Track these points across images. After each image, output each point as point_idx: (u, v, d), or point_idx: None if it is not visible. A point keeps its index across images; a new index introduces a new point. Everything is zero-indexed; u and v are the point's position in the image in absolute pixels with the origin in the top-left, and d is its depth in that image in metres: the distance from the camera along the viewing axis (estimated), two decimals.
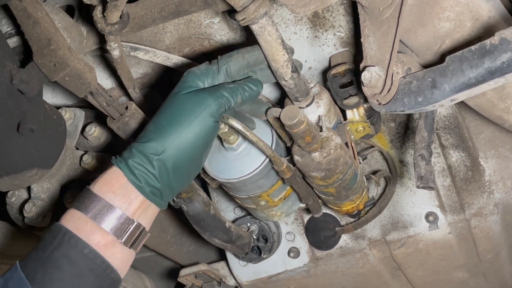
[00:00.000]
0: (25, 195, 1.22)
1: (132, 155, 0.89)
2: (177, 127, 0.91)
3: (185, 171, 0.94)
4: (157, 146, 0.89)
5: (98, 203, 0.87)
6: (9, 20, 1.03)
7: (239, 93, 0.97)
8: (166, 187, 0.92)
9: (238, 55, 1.02)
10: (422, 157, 1.02)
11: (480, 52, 0.80)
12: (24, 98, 0.97)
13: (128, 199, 0.89)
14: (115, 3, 0.91)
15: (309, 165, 1.06)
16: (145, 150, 0.89)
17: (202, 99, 0.93)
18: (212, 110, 0.92)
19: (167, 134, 0.90)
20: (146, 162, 0.89)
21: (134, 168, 0.89)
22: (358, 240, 1.45)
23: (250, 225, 1.40)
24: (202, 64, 1.01)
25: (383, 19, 0.95)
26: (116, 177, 0.89)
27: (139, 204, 0.90)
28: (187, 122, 0.91)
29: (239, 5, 0.93)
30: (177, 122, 0.91)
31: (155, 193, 0.91)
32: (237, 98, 0.97)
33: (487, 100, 0.98)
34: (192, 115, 0.91)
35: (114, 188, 0.88)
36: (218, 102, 0.93)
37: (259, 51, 1.01)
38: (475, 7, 0.93)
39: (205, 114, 0.92)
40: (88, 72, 0.97)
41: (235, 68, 1.01)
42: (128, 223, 0.88)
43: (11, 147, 1.00)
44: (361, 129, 1.21)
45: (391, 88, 0.94)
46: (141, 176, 0.89)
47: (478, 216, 1.38)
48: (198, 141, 0.92)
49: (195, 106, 0.92)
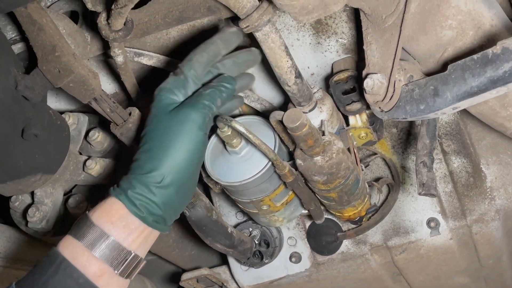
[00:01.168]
0: (28, 200, 1.22)
1: (132, 186, 0.88)
2: (171, 151, 0.89)
3: (187, 189, 0.94)
4: (156, 174, 0.88)
5: (96, 233, 0.86)
6: (14, 26, 1.04)
7: (217, 96, 0.95)
8: (171, 211, 0.92)
9: (197, 55, 0.99)
10: (424, 164, 1.02)
11: (482, 61, 0.81)
12: (29, 104, 0.97)
13: (127, 229, 0.88)
14: (119, 10, 0.91)
15: (311, 169, 1.07)
16: (144, 180, 0.88)
17: (186, 115, 0.91)
18: (198, 123, 0.91)
19: (163, 160, 0.89)
20: (147, 192, 0.88)
21: (135, 199, 0.88)
22: (360, 245, 1.45)
23: (252, 230, 1.40)
24: (169, 78, 0.98)
25: (386, 26, 0.96)
26: (116, 208, 0.88)
27: (139, 234, 0.89)
28: (179, 142, 0.90)
29: (243, 12, 0.94)
30: (168, 145, 0.90)
31: (158, 221, 0.90)
32: (217, 102, 0.95)
33: (489, 108, 0.99)
34: (181, 134, 0.90)
35: (113, 219, 0.87)
36: (201, 113, 0.92)
37: (214, 45, 1.00)
38: (477, 15, 0.93)
39: (193, 130, 0.91)
40: (92, 79, 0.98)
41: (199, 69, 0.98)
42: (125, 254, 0.87)
43: (15, 152, 1.01)
44: (364, 135, 1.21)
45: (393, 95, 0.95)
46: (143, 207, 0.88)
47: (480, 222, 1.38)
48: (193, 157, 0.92)
49: (182, 124, 0.91)
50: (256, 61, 1.09)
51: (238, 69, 1.05)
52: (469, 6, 0.93)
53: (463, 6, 0.93)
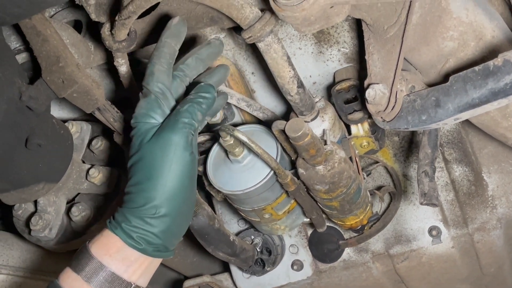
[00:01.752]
0: (31, 208, 1.22)
1: (127, 220, 0.87)
2: (159, 180, 0.86)
3: (184, 213, 0.92)
4: (149, 207, 0.86)
5: (94, 266, 0.86)
6: (18, 37, 1.05)
7: (196, 110, 0.90)
8: (170, 238, 0.90)
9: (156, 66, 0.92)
10: (425, 173, 1.03)
11: (484, 73, 0.81)
12: (33, 114, 0.98)
13: (127, 261, 0.87)
14: (123, 21, 0.92)
15: (313, 178, 1.07)
16: (138, 214, 0.87)
17: (167, 140, 0.87)
18: (182, 145, 0.87)
19: (153, 192, 0.86)
20: (143, 224, 0.86)
21: (132, 232, 0.86)
22: (362, 253, 1.45)
23: (254, 238, 1.40)
24: (140, 101, 0.93)
25: (388, 37, 0.96)
26: (113, 241, 0.87)
27: (140, 265, 0.88)
28: (165, 170, 0.86)
29: (245, 23, 0.94)
30: (156, 175, 0.87)
31: (159, 249, 0.89)
32: (197, 116, 0.90)
33: (490, 118, 0.99)
34: (166, 160, 0.86)
35: (111, 251, 0.87)
36: (183, 133, 0.87)
37: (165, 47, 0.93)
38: (479, 26, 0.94)
39: (177, 153, 0.87)
40: (96, 89, 0.98)
41: (165, 79, 0.92)
42: (125, 286, 0.87)
43: (19, 161, 1.01)
44: (366, 144, 1.22)
45: (395, 105, 0.95)
46: (141, 239, 0.87)
47: (481, 230, 1.38)
48: (184, 180, 0.88)
49: (165, 150, 0.87)
50: (220, 51, 1.02)
51: (203, 64, 0.99)
52: (470, 18, 0.93)
53: (464, 17, 0.93)
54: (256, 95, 1.31)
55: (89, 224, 1.23)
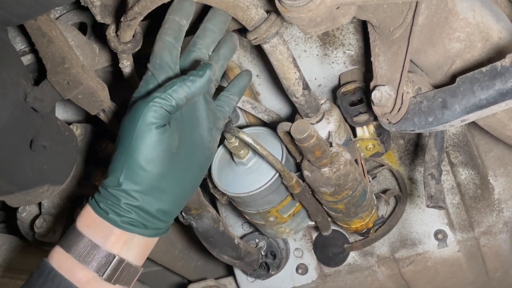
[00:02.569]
0: (35, 210, 1.22)
1: (98, 191, 0.87)
2: (123, 151, 0.85)
3: (159, 188, 0.87)
4: (113, 178, 0.85)
5: (77, 239, 0.85)
6: (23, 38, 1.05)
7: (178, 87, 0.85)
8: (142, 213, 0.86)
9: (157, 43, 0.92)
10: (432, 176, 1.02)
11: (491, 74, 0.81)
12: (37, 115, 0.98)
13: (103, 233, 0.85)
14: (128, 23, 0.92)
15: (319, 180, 1.07)
16: (104, 185, 0.86)
17: (134, 112, 0.84)
18: (148, 118, 0.83)
19: (116, 162, 0.85)
20: (108, 194, 0.85)
21: (100, 202, 0.85)
22: (367, 257, 1.44)
23: (259, 241, 1.40)
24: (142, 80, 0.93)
25: (394, 39, 0.96)
26: (87, 211, 0.86)
27: (117, 238, 0.86)
28: (128, 141, 0.84)
29: (251, 24, 0.94)
30: (121, 146, 0.85)
31: (132, 223, 0.86)
32: (178, 94, 0.85)
33: (497, 120, 0.98)
34: (130, 131, 0.84)
35: (87, 222, 0.86)
36: (150, 107, 0.83)
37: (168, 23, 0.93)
38: (485, 28, 0.93)
39: (143, 126, 0.83)
40: (101, 90, 0.98)
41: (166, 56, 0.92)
42: (108, 258, 0.85)
43: (24, 163, 1.01)
44: (371, 147, 1.21)
45: (401, 107, 0.95)
46: (107, 208, 0.85)
47: (487, 234, 1.38)
48: (151, 153, 0.84)
49: (131, 122, 0.84)
50: (228, 18, 1.00)
51: (216, 30, 0.99)
52: (477, 19, 0.93)
53: (471, 18, 0.93)
54: (261, 97, 1.31)
55: None
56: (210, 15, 0.99)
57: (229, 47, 1.03)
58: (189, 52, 0.97)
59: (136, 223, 0.86)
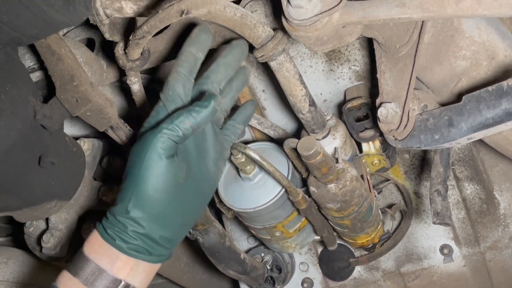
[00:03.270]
0: (43, 225, 1.23)
1: (106, 216, 0.88)
2: (131, 181, 0.87)
3: (165, 218, 0.89)
4: (121, 206, 0.87)
5: (84, 264, 0.86)
6: (32, 55, 1.06)
7: (184, 118, 0.87)
8: (148, 241, 0.88)
9: (171, 75, 0.93)
10: (438, 192, 1.02)
11: (497, 93, 0.81)
12: (46, 132, 0.98)
13: (109, 258, 0.87)
14: (137, 41, 0.93)
15: (325, 197, 1.07)
16: (113, 212, 0.87)
17: (143, 143, 0.87)
18: (156, 149, 0.85)
19: (125, 191, 0.87)
20: (116, 221, 0.87)
21: (108, 228, 0.87)
22: (372, 271, 1.44)
23: (264, 256, 1.40)
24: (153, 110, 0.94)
25: (400, 56, 0.97)
26: (95, 236, 0.88)
27: (123, 264, 0.87)
28: (137, 172, 0.86)
29: (258, 42, 0.95)
30: (129, 176, 0.87)
31: (138, 250, 0.88)
32: (184, 124, 0.87)
33: (503, 138, 0.99)
34: (139, 163, 0.86)
35: (95, 247, 0.87)
36: (158, 138, 0.86)
37: (184, 54, 0.93)
38: (491, 46, 0.94)
39: (151, 157, 0.86)
40: (109, 107, 0.99)
41: (178, 88, 0.92)
42: (115, 283, 0.86)
43: (32, 179, 1.02)
44: (377, 162, 1.21)
45: (407, 124, 0.95)
46: (114, 235, 0.87)
47: (493, 249, 1.37)
48: (159, 184, 0.87)
49: (140, 153, 0.87)
50: (244, 51, 1.00)
51: (231, 67, 1.00)
52: (483, 37, 0.93)
53: (477, 37, 0.94)
54: (267, 112, 1.32)
55: None
56: (227, 50, 0.99)
57: (242, 80, 1.04)
58: (201, 84, 0.97)
59: (142, 249, 0.88)
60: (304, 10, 0.79)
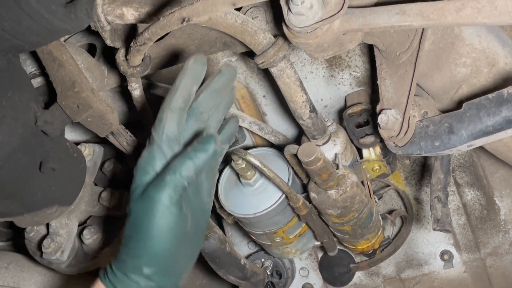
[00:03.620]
0: (43, 230, 1.23)
1: (113, 272, 0.87)
2: (141, 240, 0.85)
3: (174, 269, 0.89)
4: (133, 265, 0.85)
5: None
6: (34, 61, 1.06)
7: (185, 165, 0.84)
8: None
9: (165, 111, 0.87)
10: (438, 199, 1.02)
11: (498, 101, 0.81)
12: (47, 138, 0.99)
13: None
14: (138, 48, 0.93)
15: (325, 203, 1.07)
16: (124, 270, 0.86)
17: (150, 200, 0.84)
18: (165, 204, 0.83)
19: (135, 249, 0.85)
20: (127, 279, 0.85)
21: (117, 284, 0.86)
22: (373, 277, 1.44)
23: (264, 261, 1.40)
24: (144, 150, 0.89)
25: (400, 63, 0.97)
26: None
27: None
28: (146, 230, 0.84)
29: (259, 49, 0.95)
30: (138, 234, 0.85)
31: None
32: (187, 172, 0.84)
33: (503, 145, 0.99)
34: (147, 221, 0.84)
35: None
36: (165, 193, 0.83)
37: (180, 89, 0.88)
38: (492, 53, 0.94)
39: (160, 214, 0.83)
40: (110, 113, 0.99)
41: (173, 127, 0.88)
42: None
43: (33, 185, 1.02)
44: (377, 168, 1.22)
45: (407, 131, 0.95)
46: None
47: (494, 255, 1.37)
48: (168, 239, 0.85)
49: (147, 210, 0.84)
50: (233, 77, 0.95)
51: (220, 95, 0.94)
52: (483, 44, 0.94)
53: (477, 44, 0.94)
54: (268, 118, 1.32)
55: (100, 247, 1.23)
56: (216, 78, 0.94)
57: (229, 100, 0.98)
58: (191, 117, 0.92)
59: None
60: (304, 17, 0.80)
